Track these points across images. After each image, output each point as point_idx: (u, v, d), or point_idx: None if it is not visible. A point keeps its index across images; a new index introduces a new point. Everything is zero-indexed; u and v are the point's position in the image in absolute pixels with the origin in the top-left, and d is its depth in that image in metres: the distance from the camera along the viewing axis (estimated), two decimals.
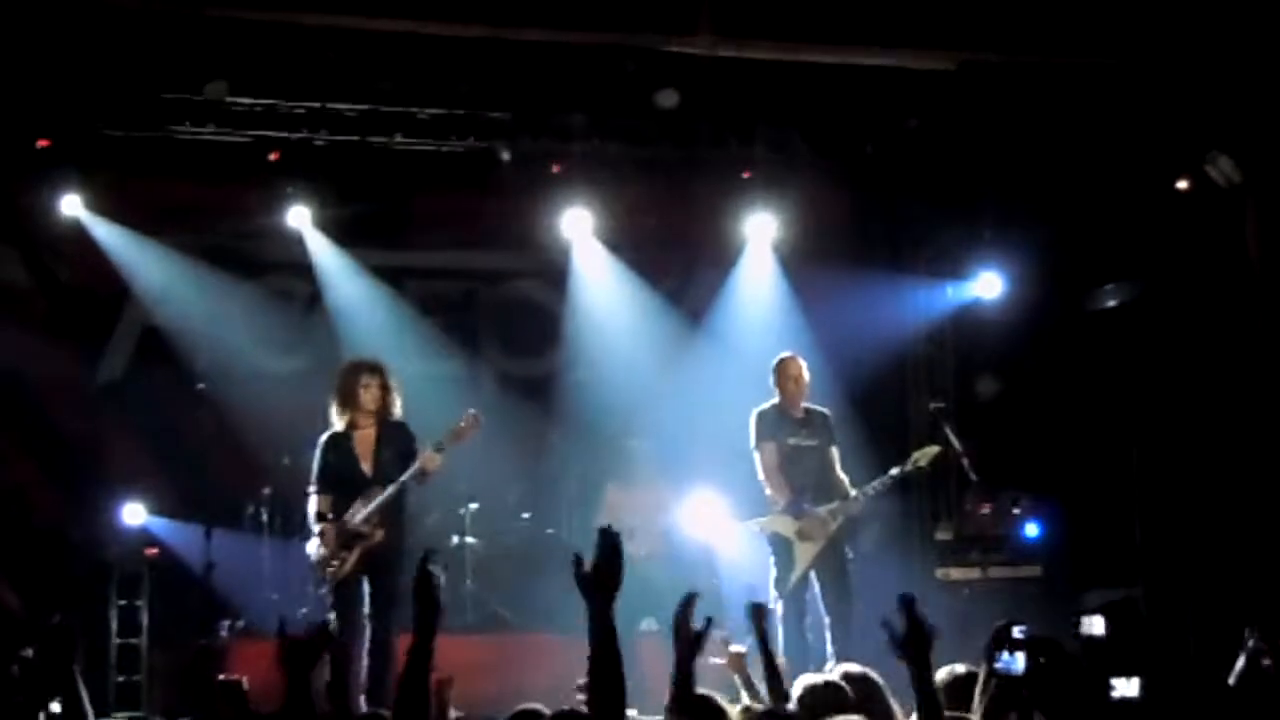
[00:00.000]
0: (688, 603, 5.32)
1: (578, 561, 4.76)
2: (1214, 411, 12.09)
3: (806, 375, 10.63)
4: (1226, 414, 11.97)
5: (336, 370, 10.32)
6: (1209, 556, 11.70)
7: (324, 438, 9.99)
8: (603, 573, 4.71)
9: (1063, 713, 5.22)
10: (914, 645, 5.12)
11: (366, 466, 9.86)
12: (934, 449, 10.94)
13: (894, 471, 10.59)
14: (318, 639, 5.18)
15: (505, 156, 12.78)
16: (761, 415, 10.56)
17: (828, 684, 6.00)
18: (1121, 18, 10.59)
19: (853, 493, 10.44)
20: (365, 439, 9.91)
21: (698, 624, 5.33)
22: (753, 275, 13.61)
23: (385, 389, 9.97)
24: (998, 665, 5.31)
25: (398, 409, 10.03)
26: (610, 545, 4.73)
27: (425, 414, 11.47)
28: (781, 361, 10.66)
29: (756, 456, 10.51)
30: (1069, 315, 13.35)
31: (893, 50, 11.08)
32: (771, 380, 10.63)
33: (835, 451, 10.62)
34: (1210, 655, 7.26)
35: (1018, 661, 5.33)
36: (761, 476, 10.49)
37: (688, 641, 5.26)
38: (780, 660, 6.92)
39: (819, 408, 10.72)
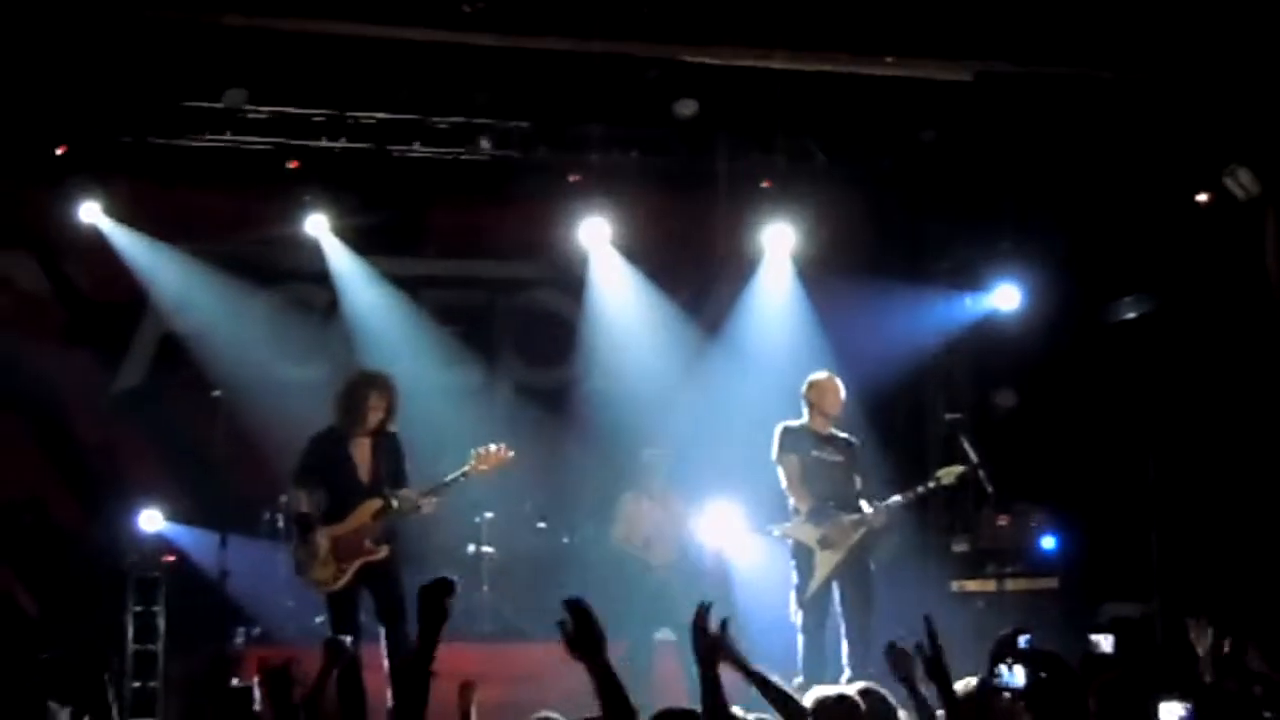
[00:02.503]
0: (700, 616, 5.08)
1: (562, 625, 4.68)
2: (1232, 425, 12.03)
3: (843, 395, 10.53)
4: (1245, 427, 11.92)
5: (345, 378, 10.26)
6: (1226, 570, 11.64)
7: (319, 433, 9.89)
8: (581, 640, 4.66)
9: None
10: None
11: (364, 476, 9.77)
12: (958, 468, 10.78)
13: (918, 489, 10.54)
14: (330, 658, 5.14)
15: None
16: (786, 430, 10.44)
17: (841, 697, 5.95)
18: (1140, 29, 10.56)
19: (872, 508, 10.36)
20: (362, 447, 9.81)
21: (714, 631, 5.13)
22: (770, 286, 13.58)
23: (390, 410, 9.87)
24: (998, 679, 5.25)
25: (394, 422, 9.95)
26: (578, 616, 4.66)
27: (442, 424, 11.48)
28: (818, 380, 10.52)
29: (780, 470, 10.41)
30: (1087, 327, 13.30)
31: (910, 61, 11.07)
32: (804, 397, 10.48)
33: (859, 478, 10.52)
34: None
35: (1017, 675, 5.26)
36: (785, 486, 10.42)
37: (709, 652, 5.06)
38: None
39: (848, 435, 10.59)
